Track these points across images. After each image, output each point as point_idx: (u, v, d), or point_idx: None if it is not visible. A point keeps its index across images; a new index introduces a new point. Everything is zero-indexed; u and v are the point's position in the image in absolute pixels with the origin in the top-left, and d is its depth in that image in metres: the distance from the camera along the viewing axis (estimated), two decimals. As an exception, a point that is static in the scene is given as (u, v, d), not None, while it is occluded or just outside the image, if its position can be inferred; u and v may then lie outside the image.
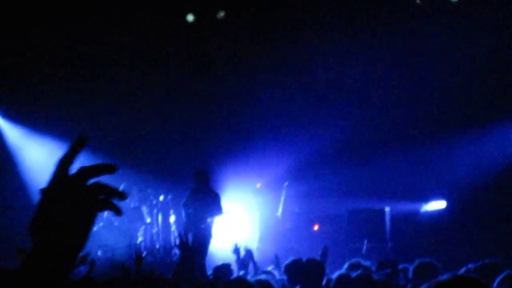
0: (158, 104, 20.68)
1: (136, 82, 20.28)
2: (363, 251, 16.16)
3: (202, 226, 15.35)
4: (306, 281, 7.06)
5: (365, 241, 16.47)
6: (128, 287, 7.08)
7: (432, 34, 18.99)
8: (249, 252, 10.10)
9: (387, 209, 17.10)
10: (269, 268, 9.58)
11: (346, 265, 8.07)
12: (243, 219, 18.20)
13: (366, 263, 8.31)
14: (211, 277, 9.49)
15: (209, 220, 15.45)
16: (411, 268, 7.71)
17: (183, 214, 15.83)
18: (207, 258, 14.74)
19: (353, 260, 8.31)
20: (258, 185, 18.57)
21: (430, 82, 19.14)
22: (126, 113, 20.35)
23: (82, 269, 8.67)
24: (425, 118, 19.20)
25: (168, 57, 20.47)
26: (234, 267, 9.97)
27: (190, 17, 20.47)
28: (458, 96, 19.02)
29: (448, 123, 19.01)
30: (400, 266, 8.21)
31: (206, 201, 15.53)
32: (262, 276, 7.08)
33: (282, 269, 8.14)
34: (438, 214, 17.70)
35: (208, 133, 20.58)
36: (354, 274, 6.79)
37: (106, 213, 17.12)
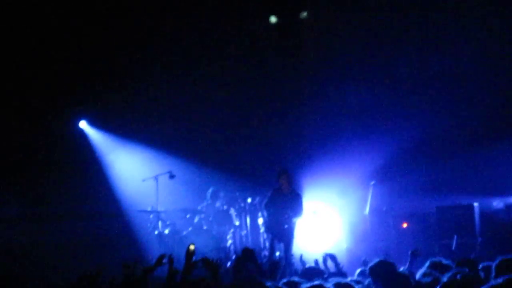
0: (244, 106, 20.85)
1: (221, 87, 20.51)
2: (453, 248, 16.00)
3: (286, 226, 15.36)
4: (392, 285, 7.00)
5: (455, 237, 16.29)
6: None
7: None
8: (333, 258, 10.17)
9: (475, 204, 16.88)
10: (357, 272, 9.46)
11: (427, 264, 8.02)
12: (331, 220, 18.19)
13: (447, 261, 8.24)
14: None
15: (292, 220, 15.45)
16: (493, 266, 7.59)
17: (265, 214, 15.88)
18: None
19: (435, 259, 8.24)
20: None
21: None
22: (213, 118, 20.57)
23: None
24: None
25: (249, 57, 20.65)
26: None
27: (273, 19, 20.67)
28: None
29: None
30: (483, 264, 8.09)
31: (288, 201, 15.51)
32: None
33: (367, 271, 8.03)
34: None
35: (294, 134, 20.63)
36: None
37: (197, 218, 17.47)
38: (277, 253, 15.84)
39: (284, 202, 15.48)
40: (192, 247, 8.65)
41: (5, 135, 19.02)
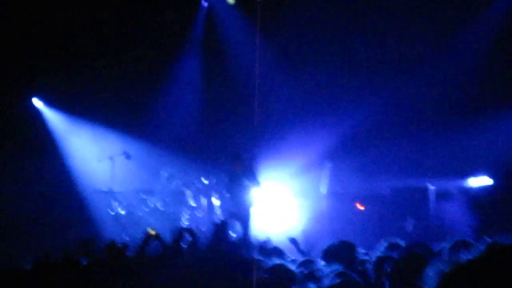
0: (198, 88, 20.75)
1: (172, 68, 20.44)
2: (408, 229, 16.12)
3: (244, 204, 15.44)
4: (339, 263, 7.02)
5: (410, 219, 16.40)
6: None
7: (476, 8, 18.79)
8: (293, 241, 10.21)
9: (431, 187, 16.98)
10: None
11: (385, 244, 8.00)
12: (287, 202, 18.19)
13: (401, 242, 8.24)
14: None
15: (248, 199, 15.53)
16: (447, 248, 7.57)
17: (221, 196, 15.93)
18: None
19: (392, 240, 8.22)
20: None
21: (475, 56, 18.85)
22: (168, 99, 20.45)
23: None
24: (469, 93, 18.94)
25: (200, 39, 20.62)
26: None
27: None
28: (505, 70, 18.76)
29: (493, 97, 18.72)
30: (438, 248, 8.08)
31: (243, 181, 15.59)
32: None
33: (321, 254, 8.04)
34: (484, 191, 17.44)
35: (248, 116, 20.58)
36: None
37: (154, 199, 17.34)
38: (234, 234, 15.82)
39: (240, 182, 15.54)
40: (153, 232, 8.64)
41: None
